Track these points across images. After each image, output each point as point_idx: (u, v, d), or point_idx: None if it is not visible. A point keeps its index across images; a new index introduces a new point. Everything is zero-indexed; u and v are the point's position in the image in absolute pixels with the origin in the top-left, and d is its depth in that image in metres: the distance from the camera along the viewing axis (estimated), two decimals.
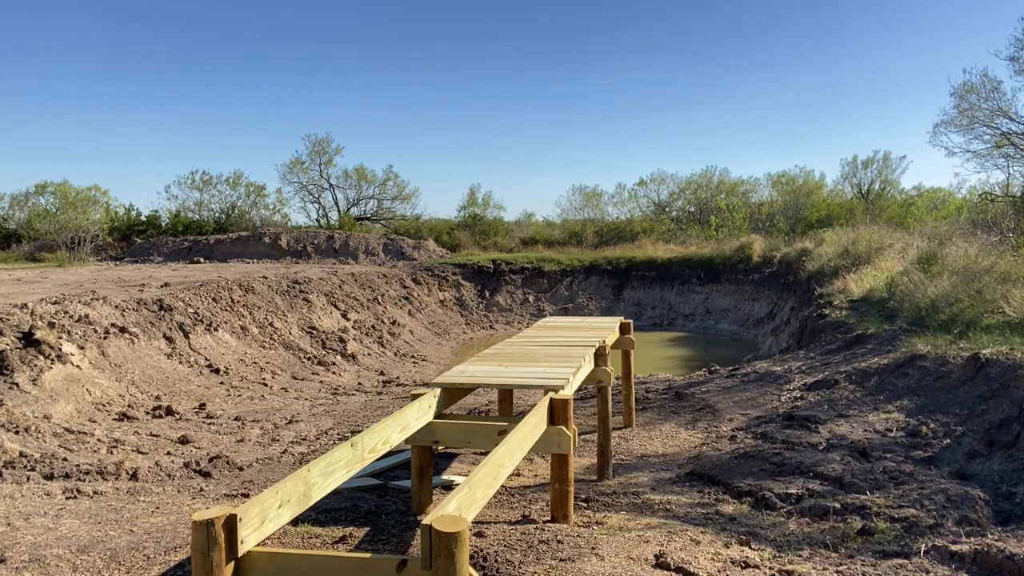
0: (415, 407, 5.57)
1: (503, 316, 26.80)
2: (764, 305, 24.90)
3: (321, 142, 42.50)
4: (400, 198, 42.72)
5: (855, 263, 18.41)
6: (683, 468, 8.13)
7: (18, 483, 6.89)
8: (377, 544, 5.36)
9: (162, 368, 12.18)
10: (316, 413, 11.32)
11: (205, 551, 3.28)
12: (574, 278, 28.91)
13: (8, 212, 39.35)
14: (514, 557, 5.01)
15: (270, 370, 14.21)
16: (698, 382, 13.27)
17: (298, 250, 32.07)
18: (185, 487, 7.22)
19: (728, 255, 28.39)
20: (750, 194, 40.90)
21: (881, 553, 5.31)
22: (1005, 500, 6.15)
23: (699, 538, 5.55)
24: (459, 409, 10.60)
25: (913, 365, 10.05)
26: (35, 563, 5.07)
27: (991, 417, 7.51)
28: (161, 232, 36.57)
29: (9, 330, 10.33)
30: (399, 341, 20.37)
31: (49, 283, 18.67)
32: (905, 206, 36.43)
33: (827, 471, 7.13)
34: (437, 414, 5.95)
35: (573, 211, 41.37)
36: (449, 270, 28.26)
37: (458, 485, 3.86)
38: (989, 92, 20.95)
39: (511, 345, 8.31)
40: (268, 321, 16.61)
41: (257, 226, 37.31)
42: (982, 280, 12.36)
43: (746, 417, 10.24)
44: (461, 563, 3.17)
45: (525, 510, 6.27)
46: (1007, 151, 21.54)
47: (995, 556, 4.90)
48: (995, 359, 8.57)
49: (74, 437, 8.69)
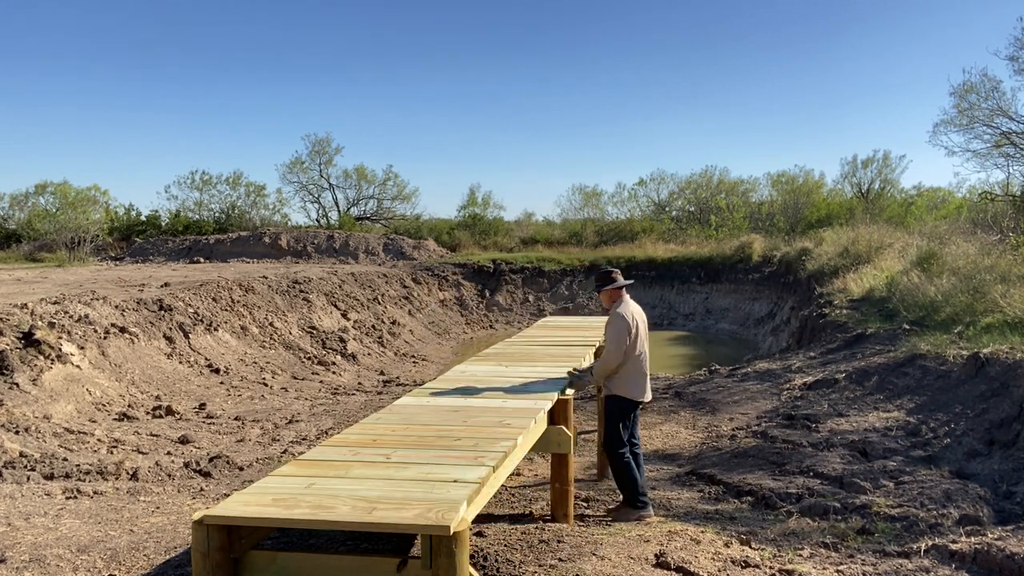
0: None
1: (503, 316, 26.80)
2: (764, 305, 24.90)
3: (321, 142, 42.47)
4: (400, 198, 42.70)
5: (855, 263, 18.40)
6: (683, 467, 8.13)
7: (18, 483, 6.90)
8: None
9: (162, 368, 12.18)
10: (316, 413, 11.32)
11: (205, 551, 3.28)
12: (574, 278, 28.91)
13: (8, 212, 39.37)
14: (514, 557, 5.01)
15: (270, 370, 14.21)
16: (698, 381, 13.27)
17: (298, 250, 32.07)
18: (185, 487, 7.21)
19: (728, 255, 28.39)
20: (750, 194, 40.88)
21: (881, 552, 5.31)
22: (1005, 499, 6.14)
23: (699, 537, 5.55)
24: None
25: (913, 364, 10.05)
26: (35, 563, 5.07)
27: (991, 416, 7.51)
28: (161, 232, 36.54)
29: (9, 330, 10.33)
30: (399, 341, 20.37)
31: (49, 283, 18.67)
32: (905, 205, 36.41)
33: (827, 470, 7.14)
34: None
35: (573, 211, 41.36)
36: (449, 270, 28.26)
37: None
38: (989, 92, 20.94)
39: (511, 345, 8.31)
40: (268, 321, 16.61)
41: (257, 226, 37.28)
42: (982, 279, 12.35)
43: (746, 416, 10.24)
44: (461, 563, 3.17)
45: (525, 510, 6.27)
46: (1007, 150, 21.54)
47: (995, 555, 4.90)
48: (995, 358, 8.57)
49: (74, 437, 8.69)
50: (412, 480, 3.68)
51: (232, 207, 39.94)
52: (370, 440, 4.42)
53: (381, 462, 3.99)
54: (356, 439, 4.46)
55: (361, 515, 3.22)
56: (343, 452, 4.19)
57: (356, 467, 3.91)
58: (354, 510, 3.27)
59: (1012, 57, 19.85)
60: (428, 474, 3.74)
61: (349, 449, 4.24)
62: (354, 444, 4.35)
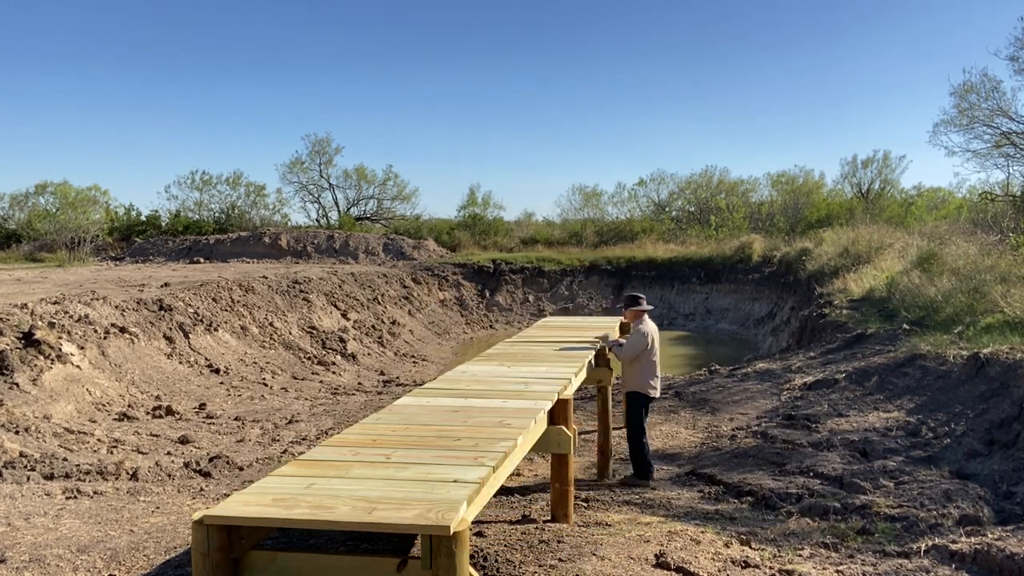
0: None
1: (503, 316, 26.80)
2: (764, 305, 24.90)
3: (321, 142, 42.44)
4: (400, 198, 42.68)
5: (855, 263, 18.40)
6: (683, 467, 8.13)
7: (18, 483, 6.90)
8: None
9: (162, 368, 12.18)
10: (316, 413, 11.32)
11: (205, 551, 3.28)
12: (574, 278, 28.91)
13: (8, 212, 39.35)
14: (514, 557, 5.01)
15: (270, 370, 14.21)
16: (698, 381, 13.26)
17: (298, 250, 32.07)
18: (185, 487, 7.22)
19: (728, 255, 28.39)
20: (750, 194, 40.86)
21: (881, 553, 5.31)
22: (1005, 499, 6.14)
23: (699, 537, 5.56)
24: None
25: (913, 364, 10.05)
26: (35, 563, 5.07)
27: (991, 416, 7.51)
28: (161, 232, 36.53)
29: (9, 330, 10.33)
30: (399, 341, 20.37)
31: (49, 283, 18.67)
32: (905, 206, 36.40)
33: (827, 470, 7.14)
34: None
35: (573, 211, 41.32)
36: (449, 270, 28.26)
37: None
38: (989, 92, 20.94)
39: (513, 345, 8.31)
40: (268, 321, 16.61)
41: (257, 226, 37.27)
42: (982, 280, 12.35)
43: (746, 416, 10.24)
44: (461, 563, 3.17)
45: (525, 510, 6.27)
46: (1007, 151, 21.55)
47: (995, 556, 4.90)
48: (995, 358, 8.56)
49: (74, 437, 8.69)
50: (412, 480, 3.67)
51: (232, 207, 39.94)
52: (370, 440, 4.42)
53: (381, 462, 3.99)
54: (356, 439, 4.46)
55: (361, 515, 3.21)
56: (343, 452, 4.19)
57: (356, 467, 3.91)
58: (354, 510, 3.26)
59: (1012, 57, 19.87)
60: (428, 474, 3.74)
61: (349, 449, 4.24)
62: (354, 444, 4.34)
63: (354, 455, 4.12)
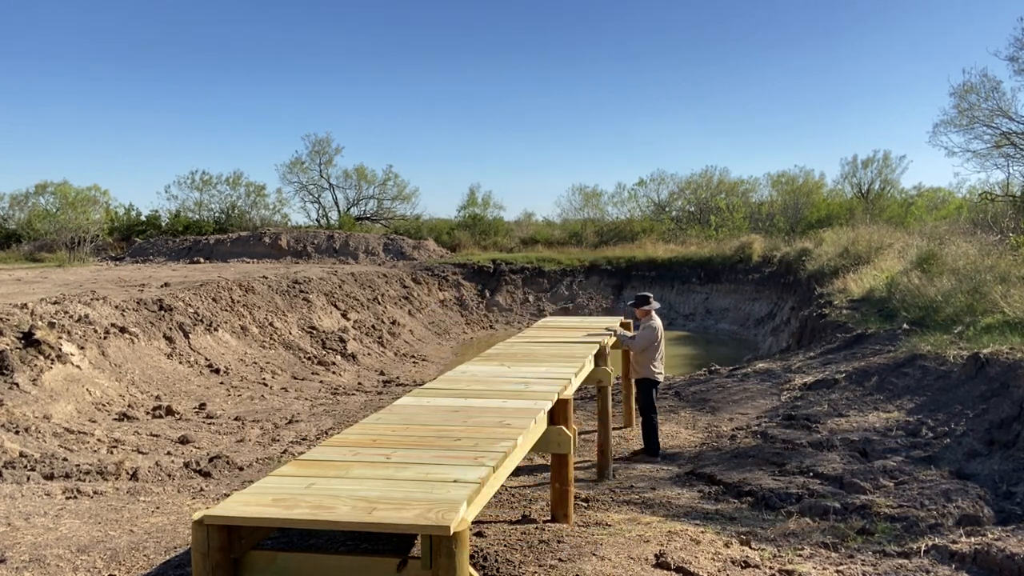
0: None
1: (503, 316, 26.80)
2: (764, 305, 24.91)
3: (321, 142, 42.44)
4: (400, 198, 42.67)
5: (855, 263, 18.40)
6: (683, 467, 8.13)
7: (18, 483, 6.90)
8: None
9: (162, 368, 12.18)
10: (316, 413, 11.32)
11: (205, 551, 3.28)
12: (574, 278, 28.92)
13: (8, 212, 39.36)
14: (514, 557, 5.01)
15: (270, 370, 14.21)
16: (698, 381, 13.27)
17: (298, 250, 32.07)
18: (185, 487, 7.22)
19: (728, 255, 28.39)
20: (750, 194, 40.86)
21: (881, 553, 5.31)
22: (1005, 499, 6.14)
23: (699, 537, 5.56)
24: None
25: (913, 365, 10.05)
26: (35, 563, 5.07)
27: (991, 416, 7.51)
28: (161, 232, 36.53)
29: (9, 330, 10.33)
30: (399, 341, 20.37)
31: (49, 283, 18.67)
32: (905, 206, 36.39)
33: (827, 470, 7.14)
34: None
35: (573, 211, 41.32)
36: (449, 270, 28.26)
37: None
38: (989, 92, 20.95)
39: (513, 345, 8.31)
40: (268, 321, 16.61)
41: (257, 226, 37.27)
42: (982, 280, 12.35)
43: (746, 416, 10.24)
44: (461, 563, 3.17)
45: (525, 510, 6.27)
46: (1007, 151, 21.56)
47: (995, 556, 4.90)
48: (995, 359, 8.57)
49: (74, 437, 8.69)
50: (412, 480, 3.67)
51: (232, 207, 39.94)
52: (370, 440, 4.42)
53: (381, 462, 3.99)
54: (356, 439, 4.46)
55: (361, 515, 3.21)
56: (343, 452, 4.18)
57: (356, 467, 3.91)
58: (354, 510, 3.26)
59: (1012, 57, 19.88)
60: (428, 474, 3.74)
61: (349, 449, 4.24)
62: (354, 444, 4.34)
63: (354, 455, 4.12)
